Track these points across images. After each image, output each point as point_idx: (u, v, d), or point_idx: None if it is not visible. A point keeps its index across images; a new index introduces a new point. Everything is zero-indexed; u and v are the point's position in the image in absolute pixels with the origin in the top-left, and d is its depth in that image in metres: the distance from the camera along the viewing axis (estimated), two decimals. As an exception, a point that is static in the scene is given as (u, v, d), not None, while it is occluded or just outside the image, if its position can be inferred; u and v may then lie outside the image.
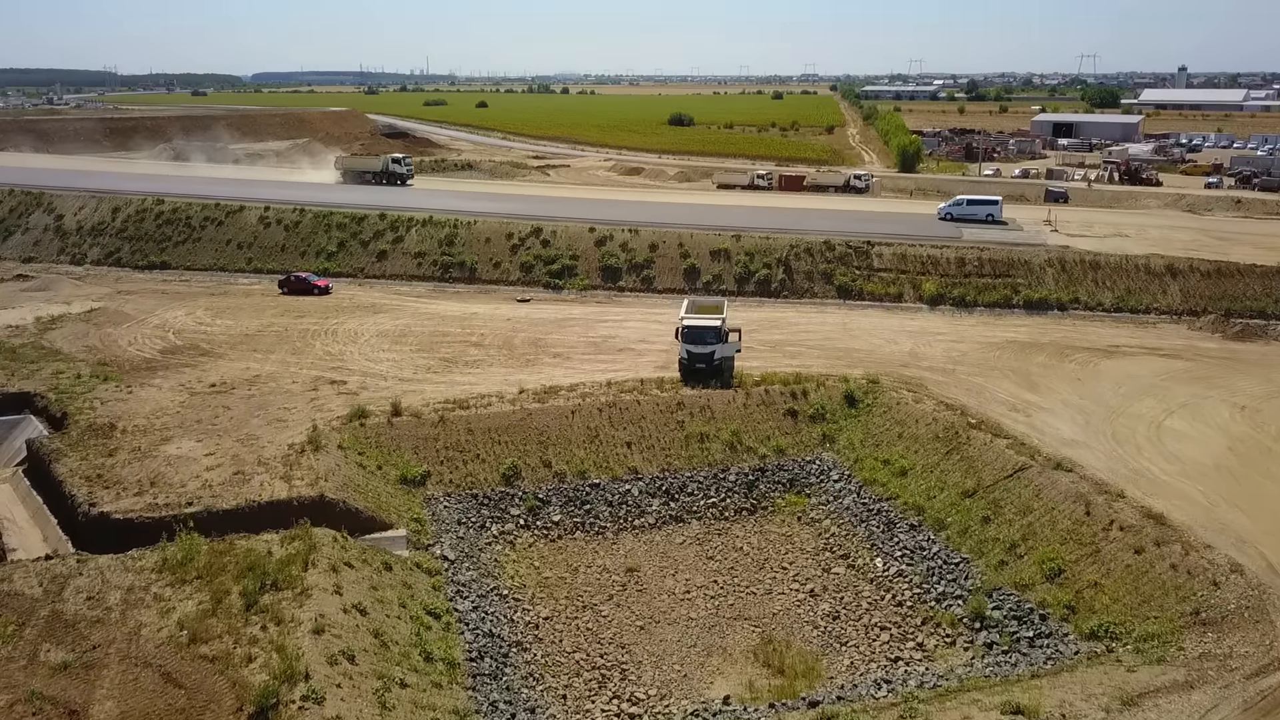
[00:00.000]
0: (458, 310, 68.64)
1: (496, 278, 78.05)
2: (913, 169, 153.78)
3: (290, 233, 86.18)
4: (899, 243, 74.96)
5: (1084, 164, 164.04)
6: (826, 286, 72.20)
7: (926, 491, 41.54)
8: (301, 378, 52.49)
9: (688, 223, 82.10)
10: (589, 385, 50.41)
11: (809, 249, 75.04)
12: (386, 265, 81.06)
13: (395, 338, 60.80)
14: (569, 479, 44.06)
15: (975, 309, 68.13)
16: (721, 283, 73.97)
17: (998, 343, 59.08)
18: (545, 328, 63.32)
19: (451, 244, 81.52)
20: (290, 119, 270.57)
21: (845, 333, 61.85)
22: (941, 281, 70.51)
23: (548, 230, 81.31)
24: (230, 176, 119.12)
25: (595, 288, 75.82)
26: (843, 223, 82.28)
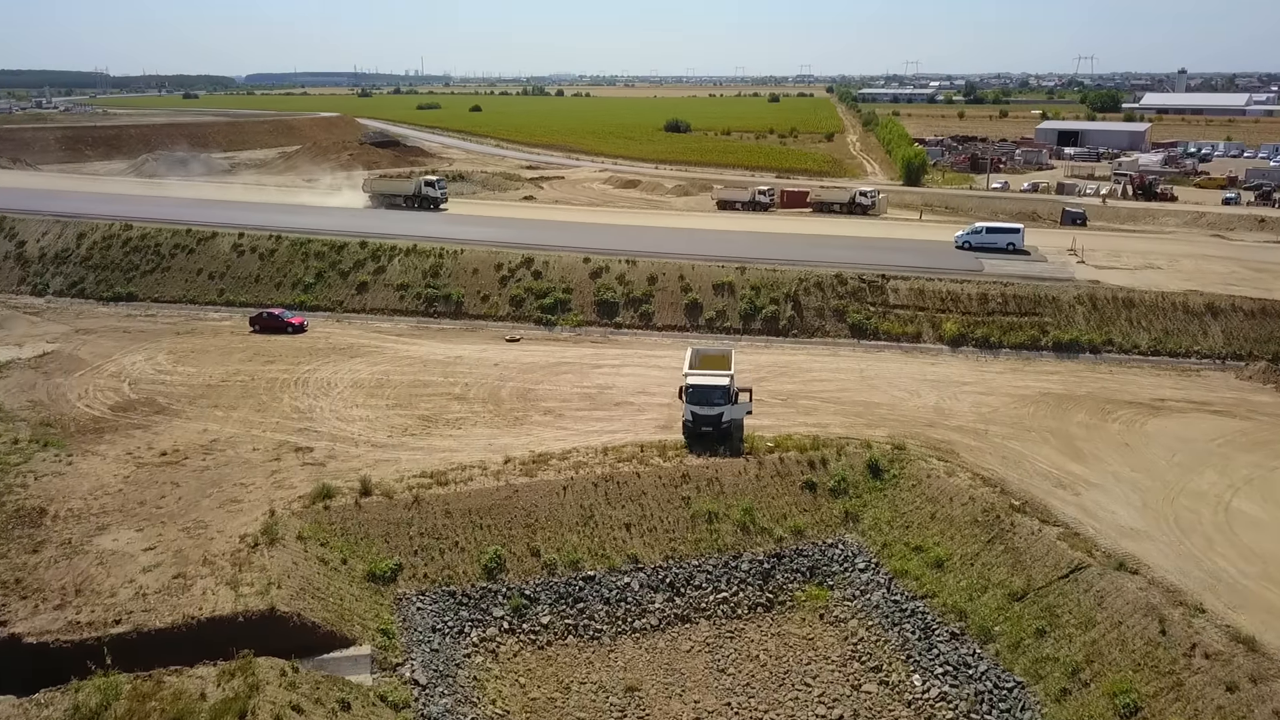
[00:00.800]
0: (441, 353, 63.42)
1: (484, 312, 72.84)
2: (918, 182, 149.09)
3: (265, 262, 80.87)
4: (915, 276, 69.88)
5: (1093, 175, 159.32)
6: (839, 325, 67.09)
7: (968, 590, 36.41)
8: (264, 443, 47.24)
9: (688, 252, 76.98)
10: (583, 452, 45.26)
11: (819, 283, 69.94)
12: (367, 298, 75.80)
13: (371, 389, 55.57)
14: (560, 570, 38.89)
15: (1000, 351, 63.04)
16: (725, 319, 68.87)
17: (1030, 395, 54.01)
18: (535, 375, 58.13)
19: (436, 275, 76.30)
20: (279, 126, 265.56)
21: (863, 382, 56.73)
22: (963, 320, 65.45)
23: (539, 260, 76.14)
24: (236, 199, 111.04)
25: (590, 323, 70.67)
26: (854, 252, 77.22)
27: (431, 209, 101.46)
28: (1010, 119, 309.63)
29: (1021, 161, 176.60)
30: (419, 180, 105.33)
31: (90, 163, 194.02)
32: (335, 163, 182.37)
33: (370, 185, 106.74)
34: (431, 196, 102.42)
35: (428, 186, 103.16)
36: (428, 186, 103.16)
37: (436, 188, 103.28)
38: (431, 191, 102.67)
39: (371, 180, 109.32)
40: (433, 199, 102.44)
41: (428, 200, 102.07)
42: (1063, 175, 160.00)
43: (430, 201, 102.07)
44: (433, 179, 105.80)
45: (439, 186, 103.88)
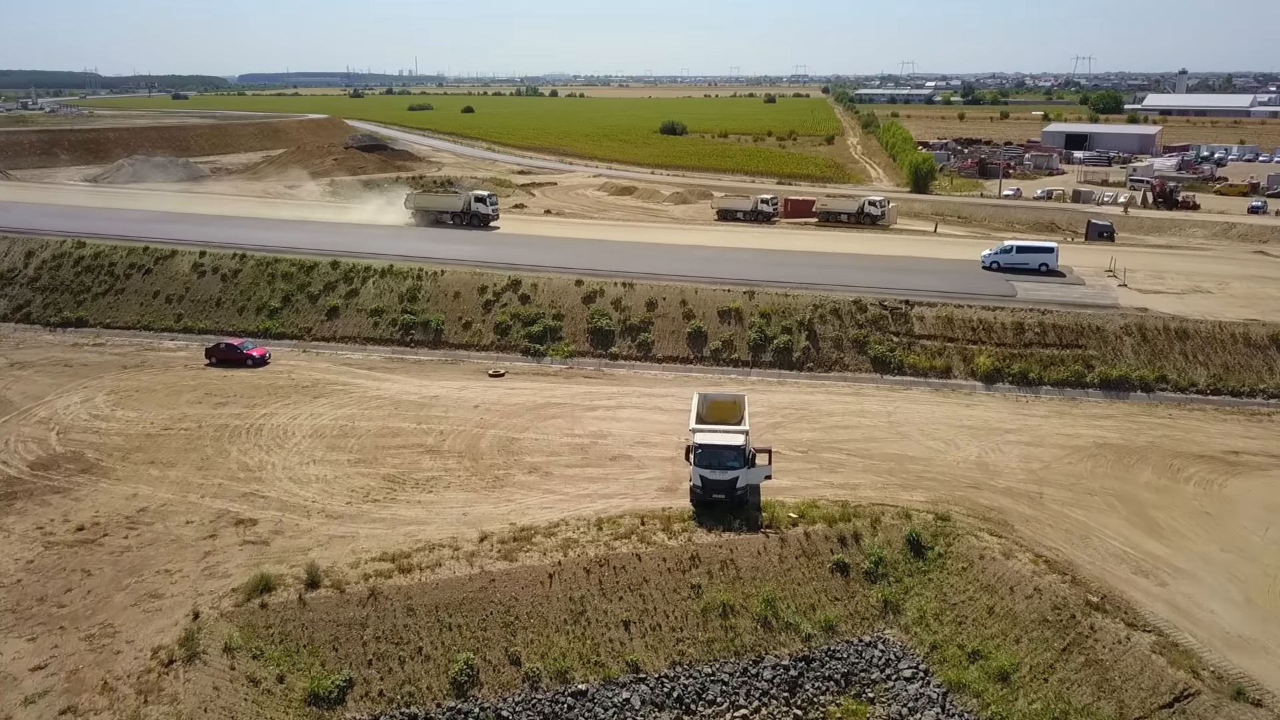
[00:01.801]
0: (416, 392, 56.64)
1: (466, 341, 66.08)
2: (926, 189, 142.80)
3: (228, 284, 73.99)
4: (942, 302, 63.25)
5: (1107, 181, 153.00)
6: (859, 358, 60.42)
7: (1044, 716, 29.74)
8: (201, 512, 40.48)
9: (690, 273, 70.30)
10: (573, 524, 38.56)
11: (836, 310, 63.29)
12: (338, 325, 68.98)
13: (334, 439, 48.77)
14: (544, 683, 32.16)
15: (1041, 389, 56.41)
16: (733, 350, 62.21)
17: (1084, 446, 47.37)
18: (520, 420, 51.37)
19: (414, 299, 69.53)
20: (264, 129, 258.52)
21: (891, 428, 50.06)
22: (998, 353, 58.81)
23: (527, 282, 69.39)
24: (205, 213, 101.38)
25: (583, 354, 63.97)
26: (871, 274, 70.56)
27: (481, 227, 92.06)
28: (1012, 121, 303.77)
29: (1031, 166, 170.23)
30: (468, 195, 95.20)
31: (66, 168, 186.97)
32: (319, 167, 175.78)
33: (413, 201, 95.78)
34: (482, 214, 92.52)
35: (478, 203, 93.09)
36: (478, 203, 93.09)
37: (488, 203, 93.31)
38: (482, 208, 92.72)
39: (414, 195, 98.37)
40: (483, 216, 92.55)
41: (477, 217, 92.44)
42: (1076, 181, 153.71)
43: (480, 219, 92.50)
44: (483, 194, 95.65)
45: (490, 202, 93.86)
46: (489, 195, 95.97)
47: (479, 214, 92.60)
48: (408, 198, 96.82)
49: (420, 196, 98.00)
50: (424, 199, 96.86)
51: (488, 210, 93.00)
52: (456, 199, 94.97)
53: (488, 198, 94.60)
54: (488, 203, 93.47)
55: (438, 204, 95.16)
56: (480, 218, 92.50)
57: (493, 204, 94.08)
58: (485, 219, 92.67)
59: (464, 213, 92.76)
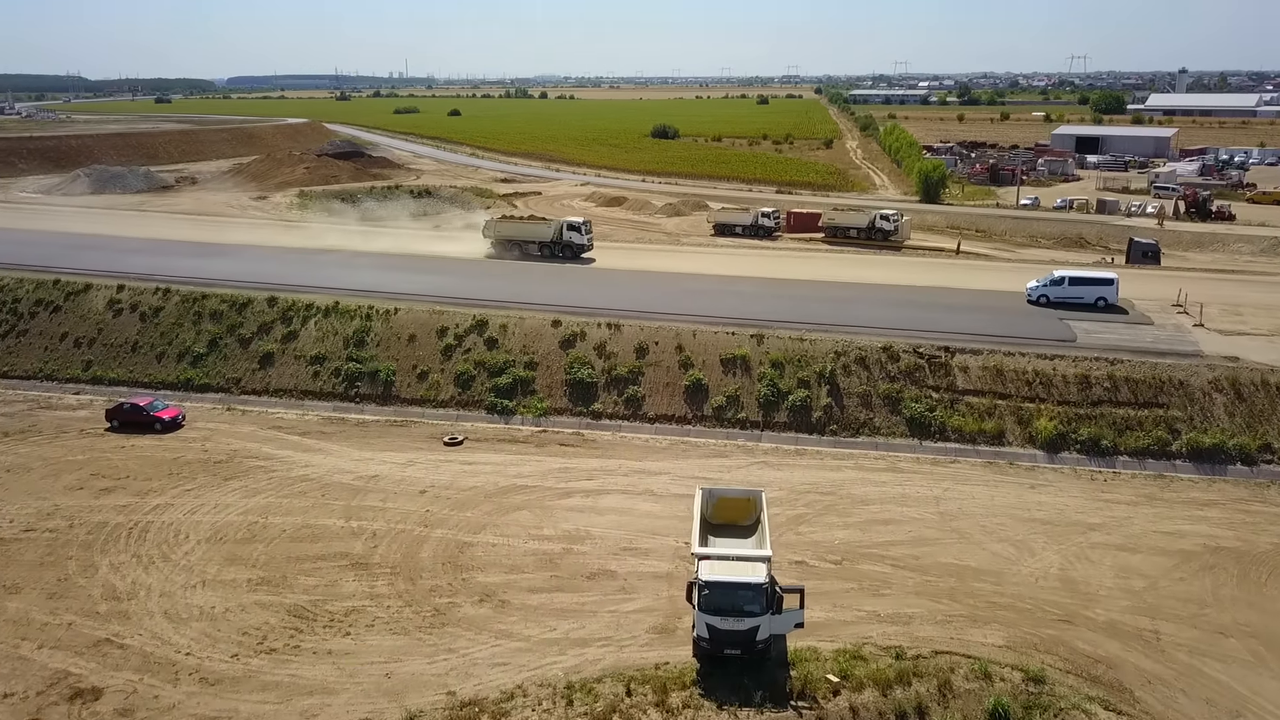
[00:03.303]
0: (351, 468, 46.16)
1: (421, 395, 55.64)
2: (937, 198, 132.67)
3: (147, 324, 63.39)
4: (988, 348, 52.97)
5: (1128, 188, 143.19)
6: (892, 419, 50.10)
7: None
8: (30, 676, 29.95)
9: (686, 311, 59.96)
10: (533, 694, 28.24)
11: (862, 358, 52.99)
12: (271, 375, 58.47)
13: (236, 546, 38.29)
14: None
15: (1118, 460, 46.17)
16: (739, 407, 51.88)
17: (1193, 551, 37.15)
18: (476, 513, 40.94)
19: (361, 344, 59.07)
20: (238, 134, 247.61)
21: (943, 522, 39.78)
22: (1060, 414, 48.53)
23: (495, 323, 58.98)
24: (188, 238, 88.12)
25: (559, 411, 53.59)
26: (898, 309, 60.32)
27: (573, 259, 79.91)
28: (1013, 122, 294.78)
29: (1045, 172, 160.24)
30: (559, 223, 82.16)
31: (21, 178, 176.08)
32: (289, 176, 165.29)
33: (494, 229, 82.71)
34: (575, 243, 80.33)
35: (571, 231, 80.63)
36: (571, 231, 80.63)
37: (582, 232, 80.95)
38: (576, 237, 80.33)
39: (495, 223, 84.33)
40: (577, 246, 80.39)
41: (570, 247, 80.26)
42: (1095, 188, 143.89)
43: (573, 249, 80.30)
44: (577, 221, 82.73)
45: (585, 230, 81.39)
46: (583, 222, 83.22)
47: (572, 244, 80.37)
48: (486, 225, 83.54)
49: (503, 224, 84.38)
50: (507, 227, 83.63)
51: (582, 239, 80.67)
52: (545, 226, 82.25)
53: (582, 225, 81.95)
54: (583, 230, 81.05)
55: (524, 232, 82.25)
56: (574, 248, 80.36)
57: (587, 233, 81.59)
58: (578, 249, 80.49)
59: (554, 242, 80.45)
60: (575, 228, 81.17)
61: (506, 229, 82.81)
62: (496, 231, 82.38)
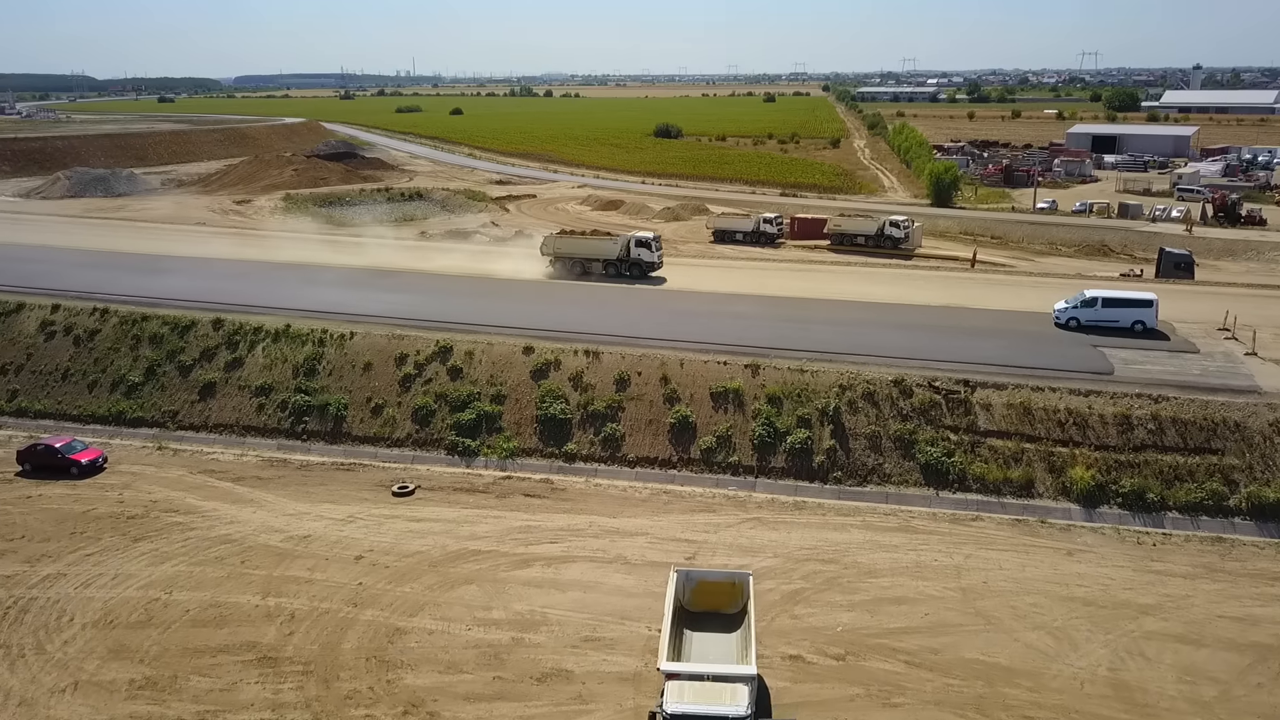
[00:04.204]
0: (283, 526, 40.11)
1: (375, 432, 49.59)
2: (949, 201, 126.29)
3: (81, 349, 57.49)
4: (1014, 381, 46.65)
5: (1149, 190, 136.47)
6: (905, 464, 43.87)
7: None
8: None
9: (675, 336, 53.75)
10: None
11: (870, 393, 46.73)
12: (212, 408, 52.48)
13: (126, 633, 32.26)
14: None
15: (1166, 518, 39.89)
16: (731, 449, 45.72)
17: (1271, 646, 30.87)
18: (416, 588, 34.86)
19: (312, 373, 53.06)
20: (231, 135, 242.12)
21: (966, 603, 33.54)
22: (1098, 460, 42.24)
23: (459, 349, 52.86)
24: (139, 250, 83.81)
25: (528, 452, 47.49)
26: (910, 333, 53.99)
27: (640, 277, 72.30)
28: (1025, 120, 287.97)
29: (1062, 173, 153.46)
30: (626, 239, 74.25)
31: (5, 180, 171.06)
32: (277, 179, 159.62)
33: (552, 245, 74.68)
34: (645, 261, 72.69)
35: (639, 247, 72.90)
36: (639, 247, 72.90)
37: (653, 248, 73.14)
38: (645, 254, 72.66)
39: (554, 239, 75.90)
40: (646, 264, 72.81)
41: (638, 266, 72.73)
42: (1115, 190, 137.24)
43: (642, 268, 72.73)
44: (646, 237, 74.84)
45: (655, 246, 73.56)
46: (654, 238, 75.32)
47: (640, 261, 72.83)
48: (545, 241, 75.43)
49: (562, 240, 75.78)
50: (567, 244, 75.18)
51: (652, 256, 72.99)
52: (610, 243, 74.13)
53: (652, 241, 74.23)
54: (653, 247, 73.29)
55: (585, 249, 74.31)
56: (641, 266, 72.87)
57: (657, 249, 73.89)
58: (648, 267, 72.99)
59: (620, 260, 73.06)
60: (644, 244, 73.21)
61: (566, 245, 74.56)
62: (555, 248, 74.33)
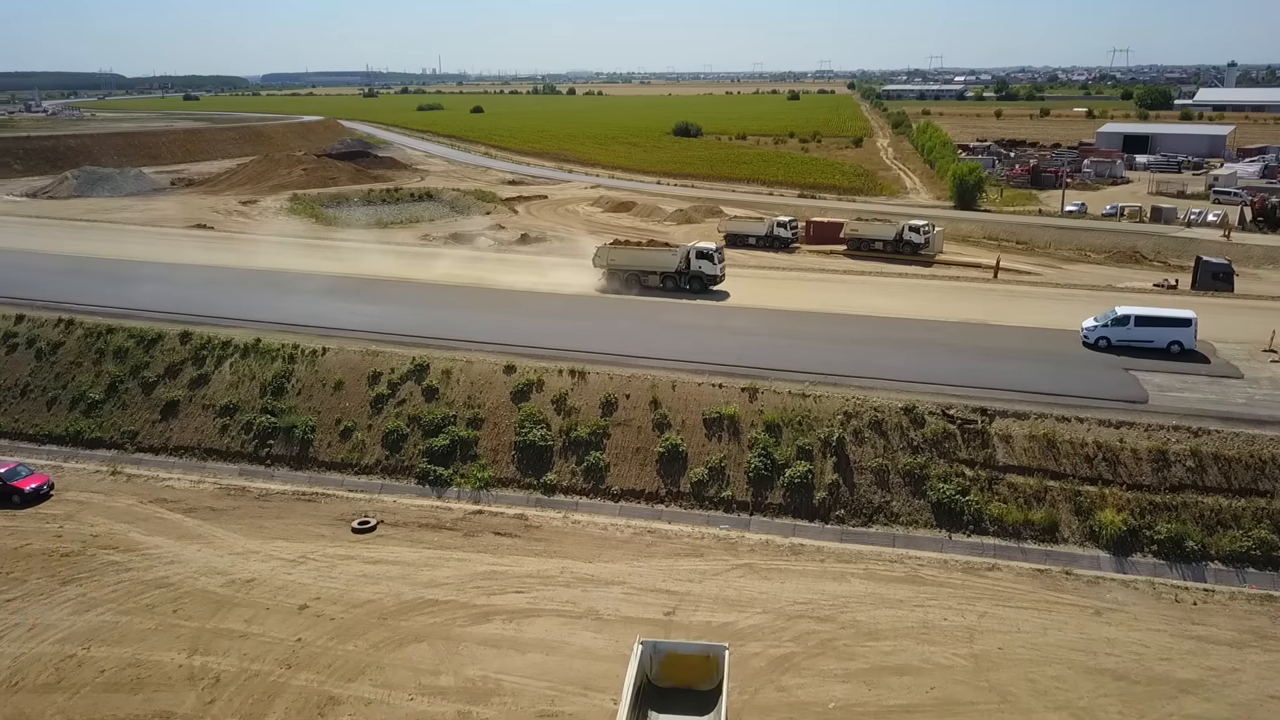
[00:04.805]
0: (226, 568, 36.57)
1: (342, 458, 46.03)
2: (973, 204, 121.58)
3: (43, 363, 54.35)
4: (1037, 410, 42.36)
5: (1184, 192, 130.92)
6: (914, 502, 39.76)
7: None
8: None
9: (668, 353, 49.79)
10: None
11: (878, 422, 42.62)
12: (173, 428, 49.13)
13: (29, 698, 28.77)
14: None
15: (1207, 569, 35.57)
16: (724, 483, 41.79)
17: (1334, 735, 26.68)
18: (359, 648, 31.14)
19: (280, 392, 49.59)
20: (245, 134, 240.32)
21: (979, 673, 29.44)
22: (1130, 502, 37.97)
23: (437, 367, 49.22)
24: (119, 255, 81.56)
25: (504, 482, 43.77)
26: (925, 353, 49.74)
27: (700, 291, 67.14)
28: (1054, 119, 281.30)
29: (1092, 174, 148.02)
30: (686, 250, 68.46)
31: (14, 179, 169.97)
32: (286, 179, 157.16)
33: (605, 256, 68.97)
34: (706, 274, 67.38)
35: (701, 259, 67.42)
36: (701, 259, 67.42)
37: (715, 260, 67.72)
38: (706, 266, 67.28)
39: (607, 249, 69.82)
40: (707, 277, 67.53)
41: (699, 279, 67.52)
42: (1147, 193, 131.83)
43: (703, 281, 67.56)
44: (708, 248, 68.76)
45: (718, 258, 68.19)
46: (716, 249, 69.42)
47: (702, 274, 67.48)
48: (598, 253, 69.54)
49: (616, 251, 69.76)
50: (621, 254, 69.44)
51: (715, 269, 67.60)
52: (669, 254, 68.56)
53: (714, 252, 68.44)
54: (715, 259, 67.81)
55: (642, 261, 68.71)
56: (702, 279, 67.56)
57: (720, 260, 68.57)
58: (708, 280, 67.68)
59: (680, 272, 67.67)
60: (706, 255, 67.74)
61: (621, 256, 69.02)
62: (609, 259, 68.69)
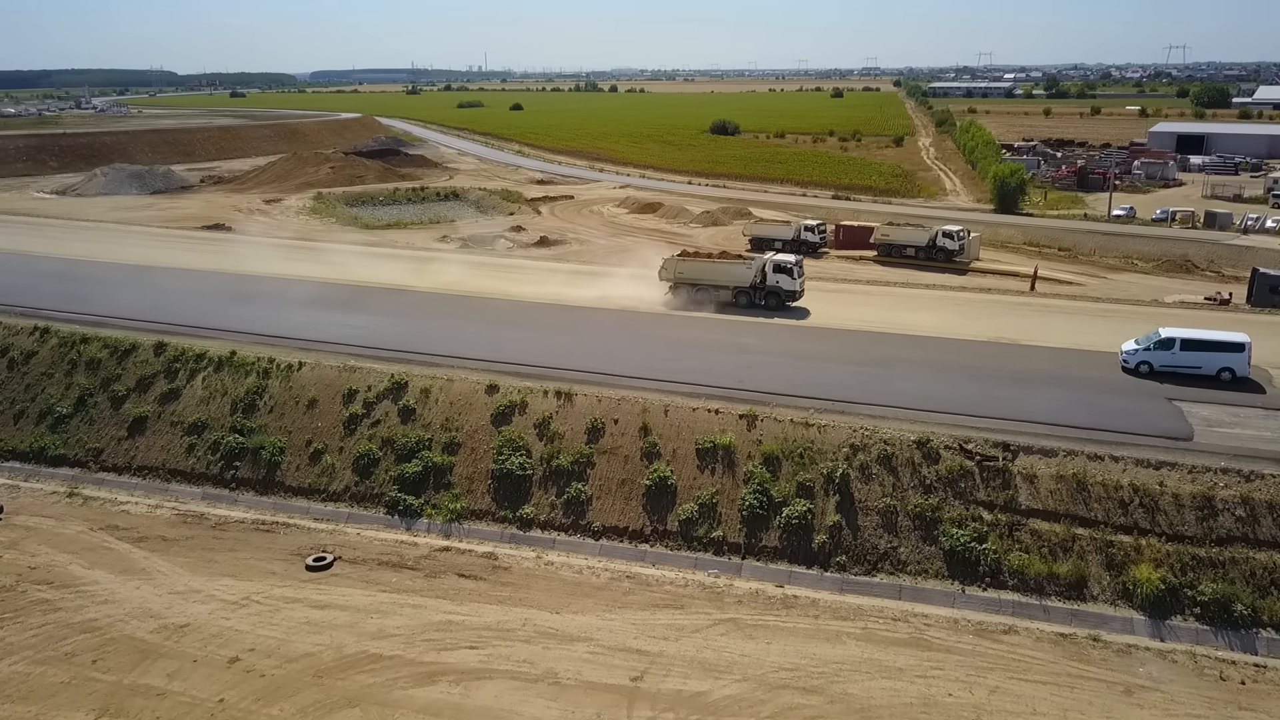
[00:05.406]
0: (162, 610, 33.48)
1: (309, 483, 42.83)
2: (1014, 207, 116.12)
3: (15, 373, 51.93)
4: (1066, 446, 37.93)
5: (1240, 196, 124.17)
6: (924, 548, 35.61)
7: None
8: None
9: (663, 373, 45.92)
10: None
11: (887, 456, 38.47)
12: (139, 446, 46.31)
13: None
14: None
15: (1258, 639, 31.05)
16: (715, 521, 37.93)
17: None
18: (286, 711, 27.80)
19: (251, 409, 46.58)
20: (281, 131, 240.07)
21: (983, 767, 25.43)
22: (1171, 557, 33.49)
23: (416, 386, 45.87)
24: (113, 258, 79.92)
25: (478, 515, 40.31)
26: (946, 377, 45.37)
27: (778, 307, 60.68)
28: (1104, 117, 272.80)
29: (1143, 176, 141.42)
30: (762, 262, 61.52)
31: (49, 176, 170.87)
32: (312, 177, 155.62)
33: (673, 269, 62.50)
34: (784, 289, 60.80)
35: (778, 273, 60.60)
36: (778, 273, 60.60)
37: (794, 274, 60.82)
38: (784, 281, 60.60)
39: (675, 261, 63.06)
40: (785, 292, 60.98)
41: (776, 294, 60.92)
42: (1201, 196, 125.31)
43: (780, 296, 60.92)
44: (786, 261, 61.56)
45: (797, 273, 61.16)
46: (795, 261, 62.01)
47: (779, 290, 60.83)
48: (664, 265, 62.90)
49: (684, 263, 63.06)
50: (690, 267, 62.77)
51: (793, 284, 60.92)
52: (743, 267, 61.60)
53: (794, 265, 61.29)
54: (794, 273, 60.93)
55: (712, 274, 62.02)
56: (779, 294, 60.98)
57: (800, 275, 61.59)
58: (786, 296, 61.07)
59: (755, 287, 61.21)
60: (784, 269, 60.79)
61: (690, 269, 62.64)
62: (677, 272, 62.46)
